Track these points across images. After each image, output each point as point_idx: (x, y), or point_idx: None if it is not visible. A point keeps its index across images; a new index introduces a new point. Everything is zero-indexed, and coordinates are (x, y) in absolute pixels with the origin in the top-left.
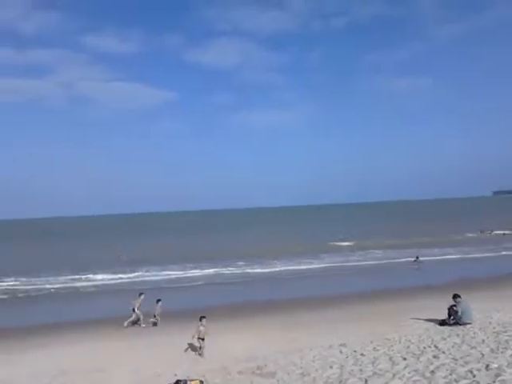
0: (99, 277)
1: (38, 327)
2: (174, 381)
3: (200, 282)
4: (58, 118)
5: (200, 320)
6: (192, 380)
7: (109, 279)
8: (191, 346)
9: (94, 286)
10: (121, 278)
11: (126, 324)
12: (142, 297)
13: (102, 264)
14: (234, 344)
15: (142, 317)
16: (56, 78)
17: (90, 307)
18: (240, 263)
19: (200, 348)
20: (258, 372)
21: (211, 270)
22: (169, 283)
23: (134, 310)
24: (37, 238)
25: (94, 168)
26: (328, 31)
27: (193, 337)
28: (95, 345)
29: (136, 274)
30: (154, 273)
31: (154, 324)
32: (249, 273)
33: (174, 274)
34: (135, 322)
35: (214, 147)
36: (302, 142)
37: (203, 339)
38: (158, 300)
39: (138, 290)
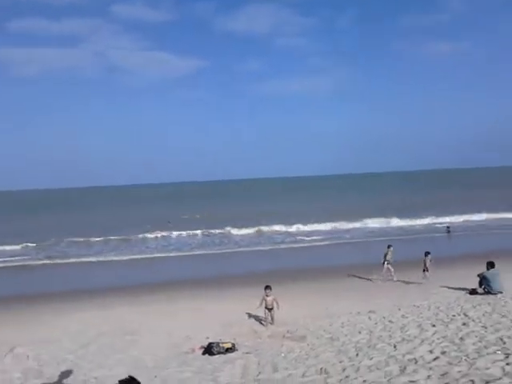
0: None
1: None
2: (207, 344)
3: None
4: (90, 88)
5: (265, 289)
6: (224, 342)
7: None
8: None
9: None
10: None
11: (380, 279)
12: (391, 249)
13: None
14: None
15: (392, 269)
16: (89, 48)
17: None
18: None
19: (267, 318)
20: (289, 336)
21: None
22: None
23: (383, 262)
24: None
25: (129, 138)
26: None
27: (257, 307)
28: (130, 310)
29: None
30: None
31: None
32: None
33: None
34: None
35: (245, 115)
36: (334, 109)
37: (271, 309)
38: (427, 253)
39: None
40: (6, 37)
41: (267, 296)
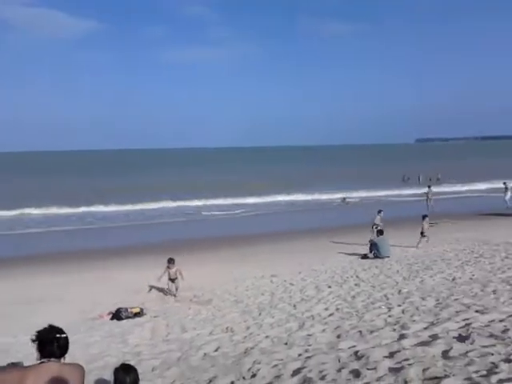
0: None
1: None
2: (115, 309)
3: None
4: None
5: (168, 262)
6: (132, 308)
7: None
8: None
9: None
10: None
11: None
12: (381, 214)
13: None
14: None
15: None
16: None
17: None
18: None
19: (171, 289)
20: (195, 300)
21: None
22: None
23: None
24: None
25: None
26: None
27: (158, 279)
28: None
29: None
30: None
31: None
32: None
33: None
34: None
35: (142, 83)
36: (229, 82)
37: (174, 279)
38: (425, 216)
39: None
40: None
41: (170, 268)
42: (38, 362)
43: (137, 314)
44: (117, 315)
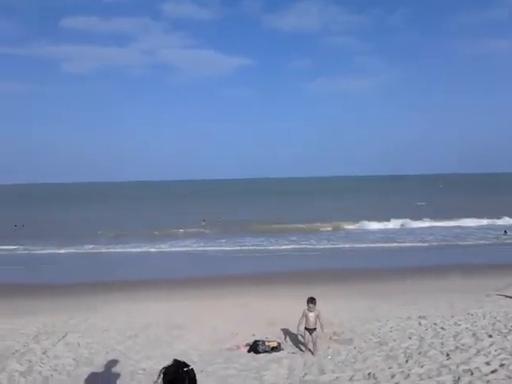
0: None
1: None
2: (252, 341)
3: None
4: (140, 86)
5: (307, 303)
6: (270, 341)
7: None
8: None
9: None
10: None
11: None
12: None
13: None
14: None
15: None
16: (138, 46)
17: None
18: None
19: (311, 343)
20: (335, 338)
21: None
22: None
23: None
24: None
25: (174, 136)
26: None
27: (298, 327)
28: (177, 304)
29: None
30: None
31: None
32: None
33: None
34: None
35: (290, 115)
36: (379, 111)
37: (312, 330)
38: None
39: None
40: (58, 34)
41: (310, 311)
42: None
43: (274, 348)
44: (254, 348)
